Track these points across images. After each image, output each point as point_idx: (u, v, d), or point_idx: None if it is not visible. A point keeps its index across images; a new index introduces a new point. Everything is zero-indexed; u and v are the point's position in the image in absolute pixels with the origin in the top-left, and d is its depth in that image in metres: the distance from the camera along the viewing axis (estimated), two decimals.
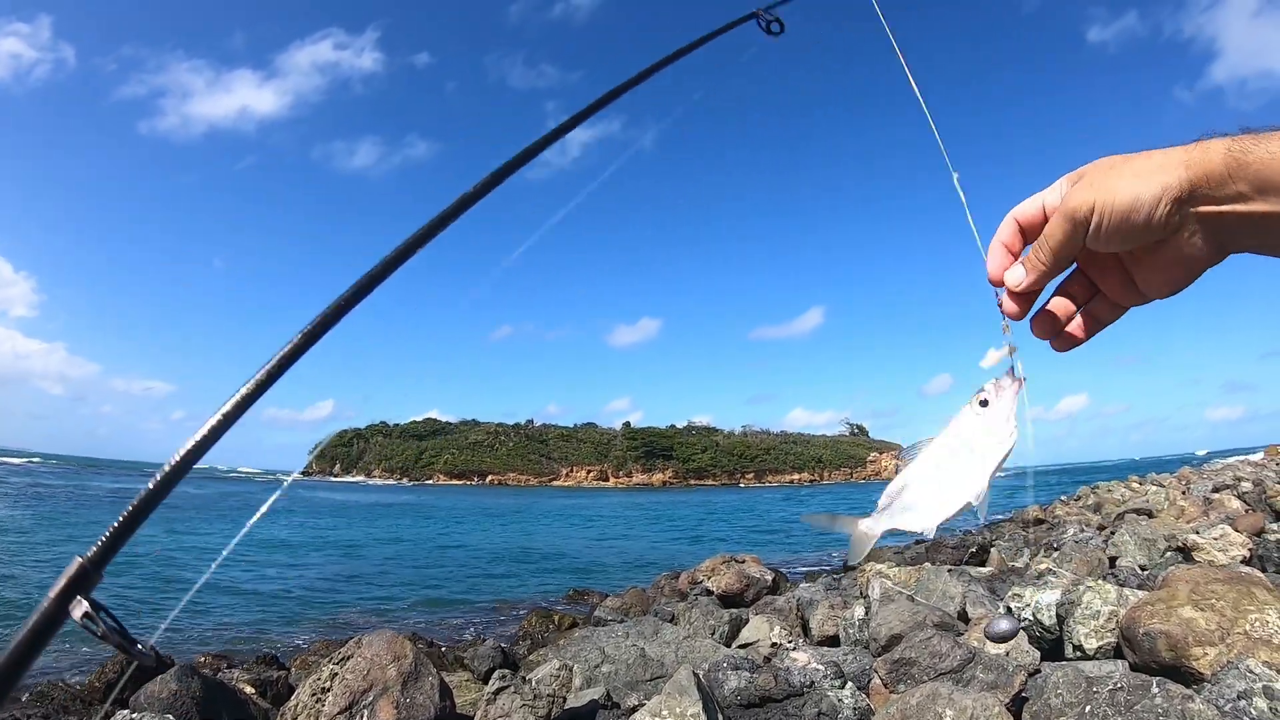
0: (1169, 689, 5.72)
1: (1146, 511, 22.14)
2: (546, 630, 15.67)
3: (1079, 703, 5.99)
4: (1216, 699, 5.62)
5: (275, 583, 24.90)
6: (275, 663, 13.08)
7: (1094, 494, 37.81)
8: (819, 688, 7.25)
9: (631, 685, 8.70)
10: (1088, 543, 15.66)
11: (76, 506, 55.16)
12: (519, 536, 46.80)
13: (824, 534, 38.41)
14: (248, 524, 1.32)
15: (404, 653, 8.17)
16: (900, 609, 9.04)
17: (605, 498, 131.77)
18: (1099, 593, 8.21)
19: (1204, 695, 5.65)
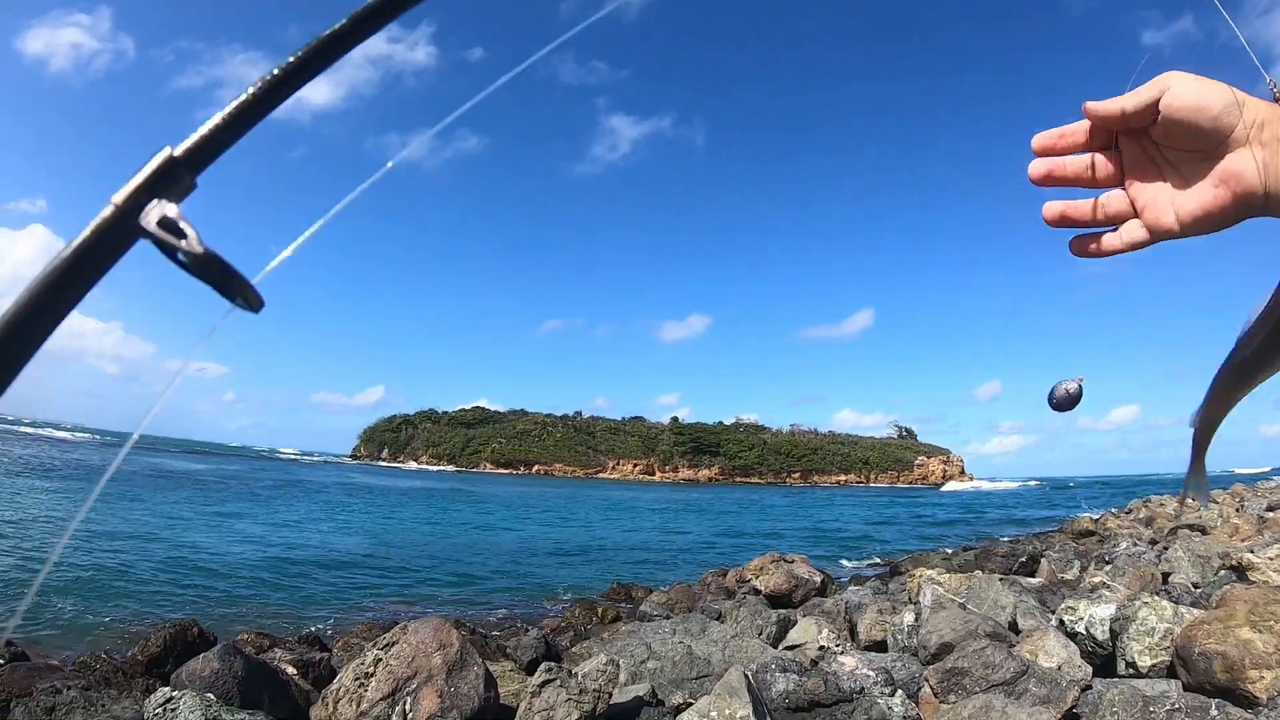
0: (1228, 712, 5.65)
1: (1200, 528, 21.83)
2: (590, 623, 15.68)
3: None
4: None
5: (322, 564, 25.09)
6: (318, 644, 13.16)
7: (1145, 507, 37.34)
8: (869, 694, 7.20)
9: (677, 683, 8.68)
10: (1140, 557, 15.46)
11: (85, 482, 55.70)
12: (563, 527, 46.90)
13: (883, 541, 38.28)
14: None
15: (450, 641, 8.19)
16: (952, 617, 8.97)
17: (651, 492, 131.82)
18: (1155, 609, 8.10)
19: (1262, 719, 5.57)
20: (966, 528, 48.27)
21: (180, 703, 7.18)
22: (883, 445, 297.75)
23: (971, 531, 44.40)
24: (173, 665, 9.46)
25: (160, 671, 9.96)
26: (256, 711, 7.81)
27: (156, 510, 36.45)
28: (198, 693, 7.48)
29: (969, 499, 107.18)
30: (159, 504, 40.04)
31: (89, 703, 7.95)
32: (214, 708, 7.27)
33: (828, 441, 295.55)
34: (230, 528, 32.98)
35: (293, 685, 9.23)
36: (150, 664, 10.34)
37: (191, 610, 15.23)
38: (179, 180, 0.75)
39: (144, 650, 10.65)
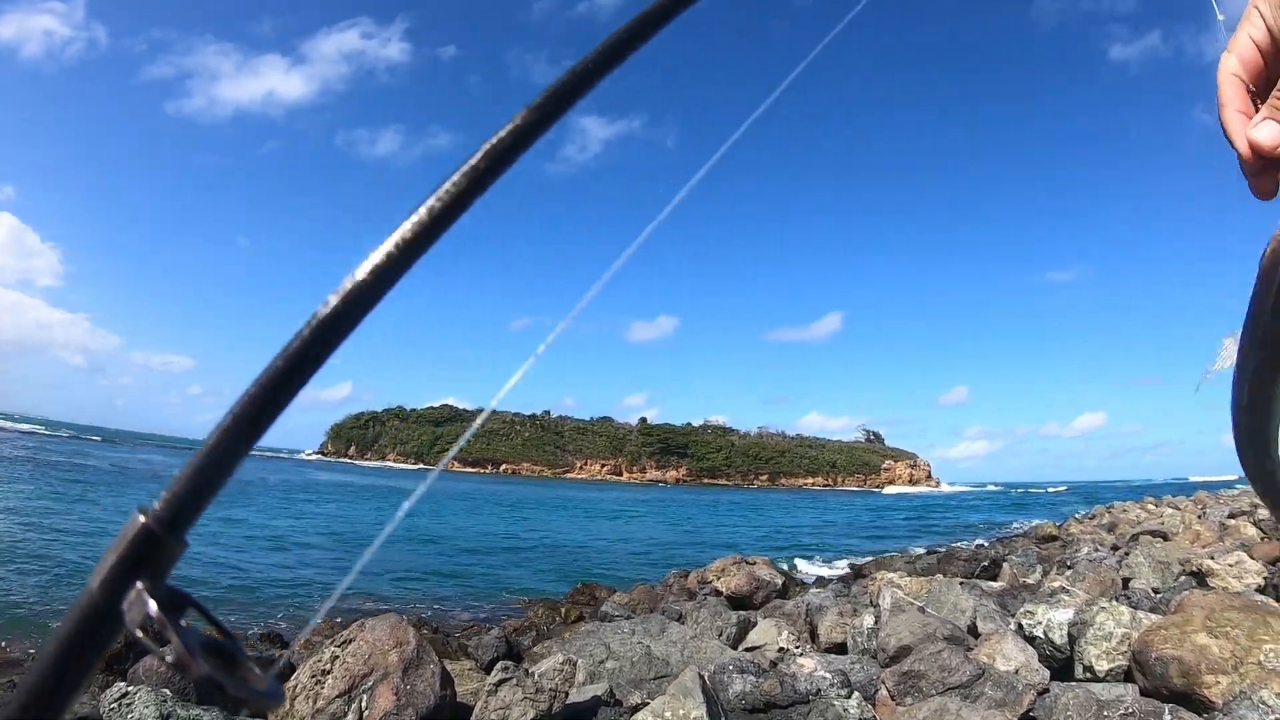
0: (1182, 716, 5.66)
1: (1161, 534, 22.00)
2: (552, 623, 15.63)
3: None
4: None
5: (281, 561, 24.96)
6: (277, 641, 13.07)
7: (1108, 513, 37.66)
8: (825, 696, 7.18)
9: (635, 683, 8.65)
10: (1101, 562, 15.54)
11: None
12: (530, 527, 46.84)
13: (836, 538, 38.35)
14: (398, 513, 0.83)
15: (406, 639, 8.13)
16: (911, 620, 8.96)
17: (618, 492, 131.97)
18: (1112, 614, 8.12)
19: None
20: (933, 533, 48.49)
21: (136, 698, 7.12)
22: (850, 449, 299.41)
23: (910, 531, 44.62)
24: (131, 661, 9.37)
25: (119, 668, 9.86)
26: (212, 707, 7.74)
27: (115, 505, 36.11)
28: (154, 688, 7.41)
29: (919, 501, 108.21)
30: (118, 499, 39.70)
31: None
32: (169, 703, 7.20)
33: (795, 444, 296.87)
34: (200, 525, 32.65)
35: None
36: (108, 660, 10.21)
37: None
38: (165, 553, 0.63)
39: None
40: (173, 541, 0.62)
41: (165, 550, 0.62)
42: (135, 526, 0.61)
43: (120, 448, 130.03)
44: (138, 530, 0.61)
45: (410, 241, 0.70)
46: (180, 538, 0.63)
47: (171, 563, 0.63)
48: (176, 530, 0.62)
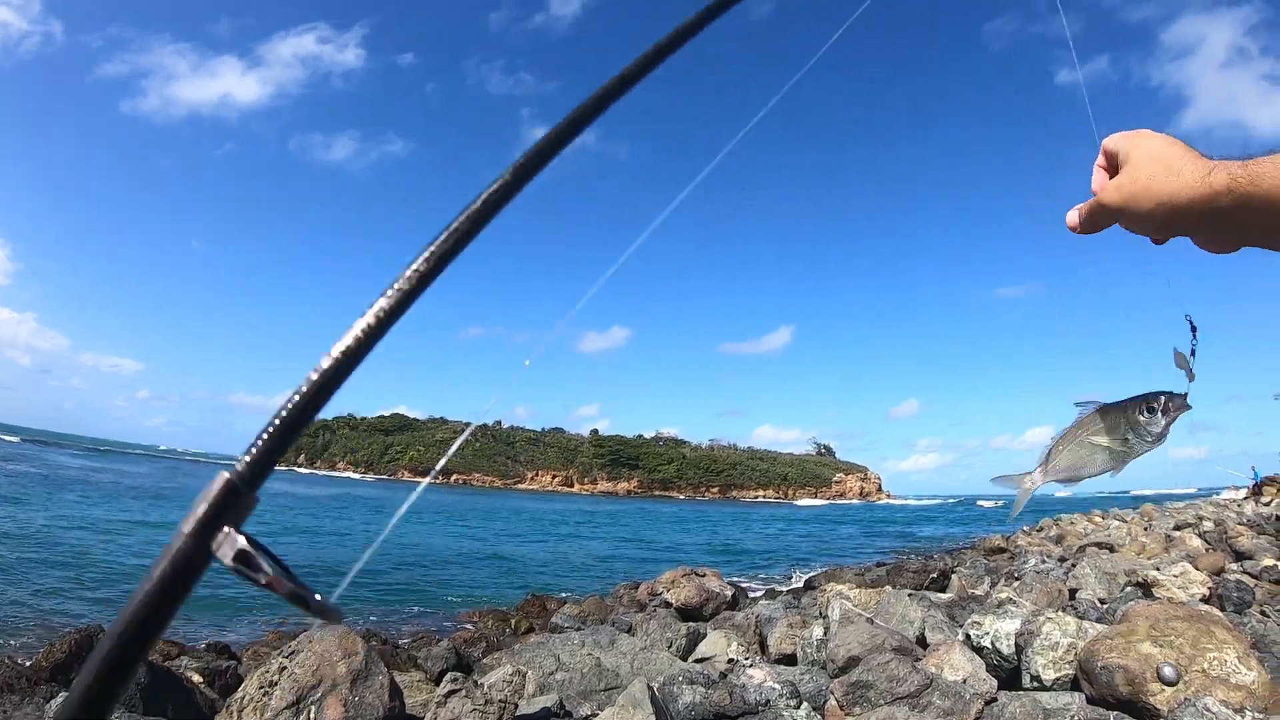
0: None
1: (1108, 545, 22.29)
2: (502, 634, 15.56)
3: None
4: None
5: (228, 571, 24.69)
6: (226, 652, 12.96)
7: (1056, 525, 38.07)
8: (774, 706, 7.19)
9: (585, 695, 8.61)
10: (1049, 574, 15.67)
11: None
12: (480, 538, 46.58)
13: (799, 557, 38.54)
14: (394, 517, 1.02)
15: (355, 649, 8.06)
16: (859, 631, 8.99)
17: (569, 504, 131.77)
18: (1058, 624, 8.19)
19: None
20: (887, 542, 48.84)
21: None
22: (802, 461, 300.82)
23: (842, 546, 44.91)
24: (78, 671, 9.22)
25: (65, 678, 9.74)
26: (160, 719, 7.66)
27: (57, 513, 35.63)
28: None
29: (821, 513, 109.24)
30: (60, 506, 39.19)
31: None
32: (116, 715, 7.07)
33: (747, 457, 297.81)
34: (136, 532, 32.27)
35: (198, 693, 9.08)
36: (54, 670, 10.10)
37: (97, 617, 14.89)
38: (243, 504, 0.81)
39: (48, 656, 10.39)
40: (250, 495, 0.82)
41: (245, 501, 0.81)
42: (221, 481, 0.79)
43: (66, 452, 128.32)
44: (224, 484, 0.79)
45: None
46: (254, 492, 0.82)
47: (248, 512, 0.82)
48: (253, 485, 0.82)
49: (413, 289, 0.91)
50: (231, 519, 0.78)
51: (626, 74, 1.01)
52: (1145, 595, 12.09)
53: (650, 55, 1.05)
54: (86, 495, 49.91)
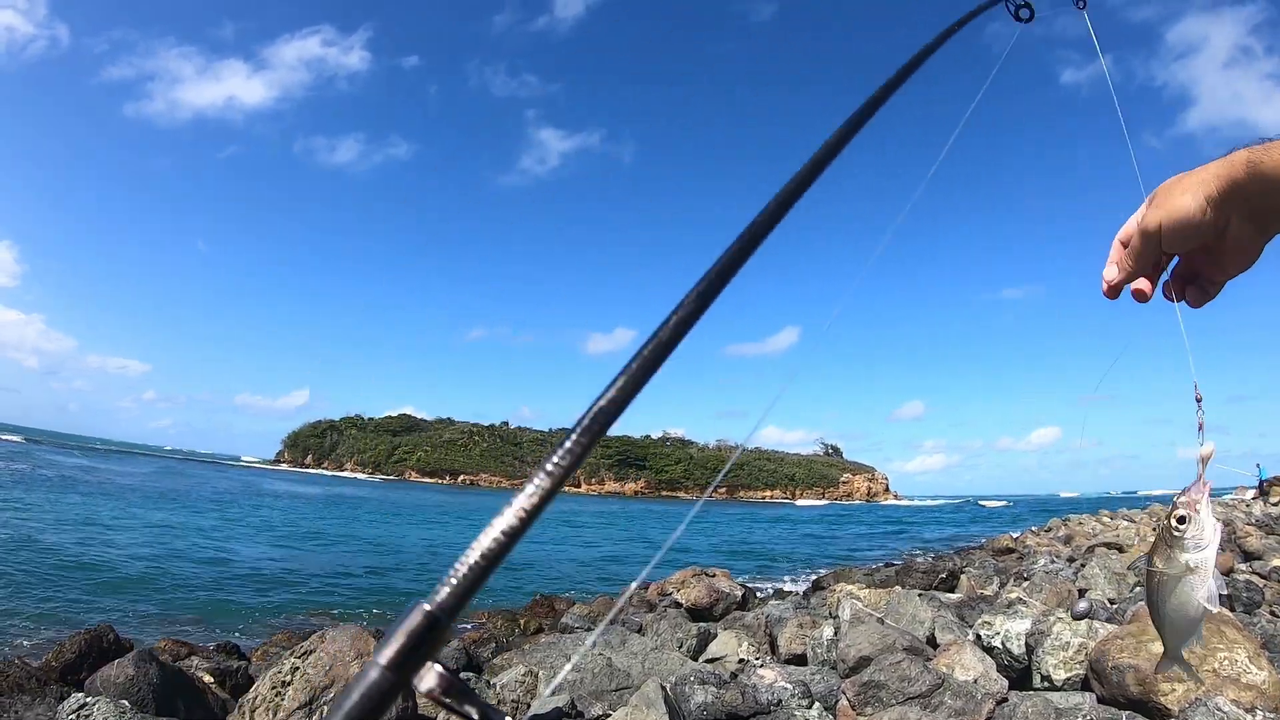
0: None
1: (1117, 545, 22.21)
2: (512, 634, 15.58)
3: None
4: None
5: (241, 572, 24.75)
6: (236, 652, 13.00)
7: (1065, 526, 37.97)
8: (786, 706, 7.21)
9: (597, 695, 8.63)
10: (1058, 574, 15.66)
11: None
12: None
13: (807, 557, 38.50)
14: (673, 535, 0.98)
15: (368, 649, 8.07)
16: (870, 631, 9.01)
17: (577, 504, 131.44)
18: (1069, 624, 8.20)
19: None
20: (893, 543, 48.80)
21: (94, 709, 7.03)
22: (809, 462, 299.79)
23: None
24: (87, 672, 9.30)
25: (75, 678, 9.77)
26: (172, 719, 7.68)
27: (67, 514, 35.68)
28: (112, 699, 7.33)
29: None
30: (70, 508, 39.24)
31: (1, 709, 7.76)
32: (128, 715, 7.12)
33: (754, 457, 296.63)
34: (147, 532, 32.33)
35: (209, 693, 9.11)
36: (64, 670, 10.13)
37: (107, 617, 14.91)
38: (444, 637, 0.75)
39: (58, 656, 10.42)
40: (451, 627, 0.75)
41: (445, 634, 0.75)
42: (420, 614, 0.73)
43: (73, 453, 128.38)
44: (424, 618, 0.73)
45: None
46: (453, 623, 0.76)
47: (445, 643, 0.76)
48: (453, 617, 0.75)
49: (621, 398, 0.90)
50: (433, 652, 0.73)
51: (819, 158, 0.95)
52: None
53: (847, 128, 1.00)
54: (89, 495, 49.99)
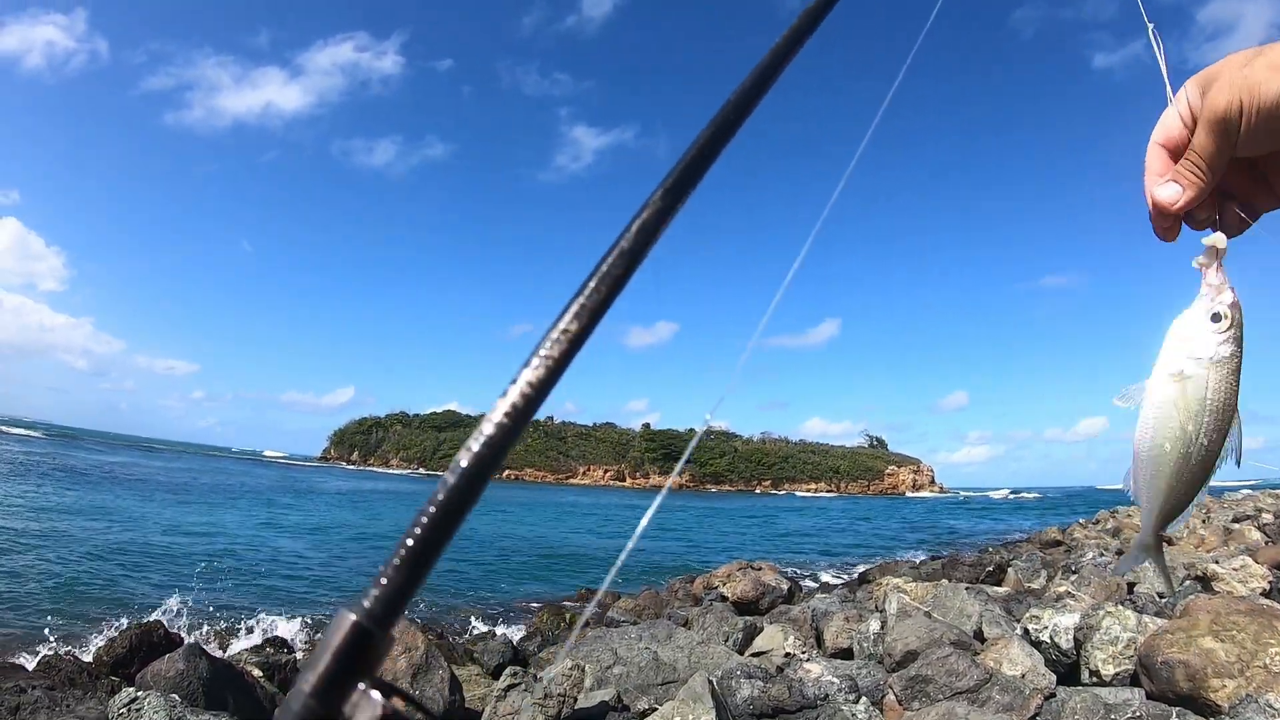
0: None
1: (1166, 539, 21.91)
2: (557, 628, 15.66)
3: None
4: None
5: (288, 566, 25.00)
6: (284, 646, 13.10)
7: (1113, 518, 37.58)
8: (833, 701, 7.20)
9: (643, 688, 8.66)
10: (1106, 567, 15.54)
11: None
12: (533, 532, 46.73)
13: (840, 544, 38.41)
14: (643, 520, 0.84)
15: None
16: (917, 625, 8.98)
17: (621, 498, 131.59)
18: (1118, 618, 8.14)
19: None
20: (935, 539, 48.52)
21: (145, 703, 7.12)
22: (853, 454, 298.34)
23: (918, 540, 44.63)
24: (138, 666, 9.40)
25: (125, 672, 9.90)
26: (221, 713, 7.76)
27: (119, 510, 36.18)
28: (162, 693, 7.42)
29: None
30: (122, 504, 39.78)
31: (53, 703, 7.87)
32: (178, 708, 7.20)
33: (798, 450, 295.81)
34: (194, 529, 32.72)
35: (258, 687, 9.19)
36: (115, 664, 10.27)
37: (157, 612, 15.11)
38: (378, 651, 0.61)
39: (109, 651, 10.57)
40: (384, 637, 0.61)
41: (379, 647, 0.61)
42: (346, 625, 0.60)
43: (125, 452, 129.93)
44: (350, 630, 0.60)
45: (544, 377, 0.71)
46: (388, 633, 0.62)
47: (383, 658, 0.62)
48: (386, 626, 0.61)
49: (561, 356, 0.71)
50: (366, 670, 0.60)
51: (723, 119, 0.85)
52: (1204, 589, 11.95)
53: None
54: (137, 490, 50.65)
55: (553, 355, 0.70)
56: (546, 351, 0.71)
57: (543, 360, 0.70)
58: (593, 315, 0.73)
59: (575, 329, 0.72)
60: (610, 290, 0.75)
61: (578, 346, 0.72)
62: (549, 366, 0.70)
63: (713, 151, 0.85)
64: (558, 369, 0.71)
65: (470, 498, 0.66)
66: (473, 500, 0.66)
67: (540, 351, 0.71)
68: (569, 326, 0.72)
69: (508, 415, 0.69)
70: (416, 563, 0.63)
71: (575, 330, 0.72)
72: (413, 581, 0.63)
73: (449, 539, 0.65)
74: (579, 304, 0.73)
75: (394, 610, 0.62)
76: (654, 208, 0.81)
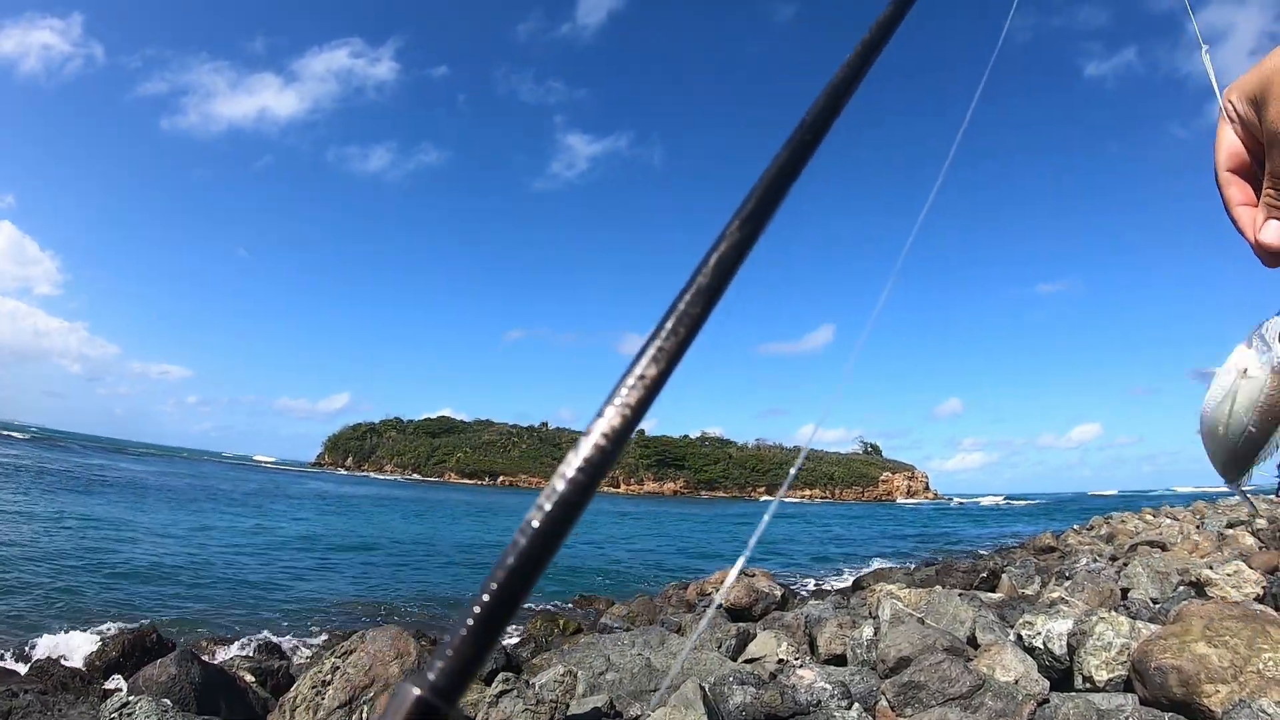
0: None
1: (1160, 544, 22.03)
2: (551, 634, 15.64)
3: None
4: None
5: (280, 572, 24.97)
6: (277, 652, 13.10)
7: (1106, 524, 37.65)
8: (825, 707, 7.19)
9: (635, 695, 8.64)
10: (1100, 573, 15.53)
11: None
12: None
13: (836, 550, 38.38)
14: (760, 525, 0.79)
15: (408, 650, 8.15)
16: (910, 631, 8.97)
17: (615, 504, 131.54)
18: (1111, 624, 8.14)
19: None
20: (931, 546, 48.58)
21: (136, 708, 7.10)
22: (848, 461, 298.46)
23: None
24: (130, 670, 9.41)
25: (118, 677, 9.89)
26: (213, 718, 7.76)
27: (113, 516, 36.11)
28: (154, 698, 7.39)
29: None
30: (115, 510, 39.71)
31: (45, 707, 7.86)
32: (170, 713, 7.18)
33: (793, 456, 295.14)
34: (188, 534, 32.67)
35: (250, 692, 9.19)
36: (107, 669, 10.28)
37: (150, 616, 15.08)
38: None
39: (101, 656, 10.58)
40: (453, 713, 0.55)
41: None
42: (409, 701, 0.54)
43: (122, 457, 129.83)
44: (413, 706, 0.54)
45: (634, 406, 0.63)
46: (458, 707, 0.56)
47: None
48: (454, 700, 0.55)
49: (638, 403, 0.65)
50: None
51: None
52: (1198, 594, 11.96)
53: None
54: (130, 497, 50.62)
55: (630, 403, 0.65)
56: (623, 399, 0.65)
57: (619, 409, 0.64)
58: (671, 358, 0.67)
59: (654, 373, 0.66)
60: (689, 330, 0.69)
61: (656, 391, 0.66)
62: (625, 416, 0.64)
63: (793, 171, 0.79)
64: (635, 417, 0.65)
65: (543, 559, 0.61)
66: (545, 562, 0.61)
67: (615, 400, 0.65)
68: (646, 371, 0.66)
69: (582, 470, 0.64)
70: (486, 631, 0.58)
71: (654, 375, 0.66)
72: (482, 652, 0.58)
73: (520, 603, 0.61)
74: (656, 346, 0.68)
75: (462, 683, 0.56)
76: (731, 239, 0.75)
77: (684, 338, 0.68)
